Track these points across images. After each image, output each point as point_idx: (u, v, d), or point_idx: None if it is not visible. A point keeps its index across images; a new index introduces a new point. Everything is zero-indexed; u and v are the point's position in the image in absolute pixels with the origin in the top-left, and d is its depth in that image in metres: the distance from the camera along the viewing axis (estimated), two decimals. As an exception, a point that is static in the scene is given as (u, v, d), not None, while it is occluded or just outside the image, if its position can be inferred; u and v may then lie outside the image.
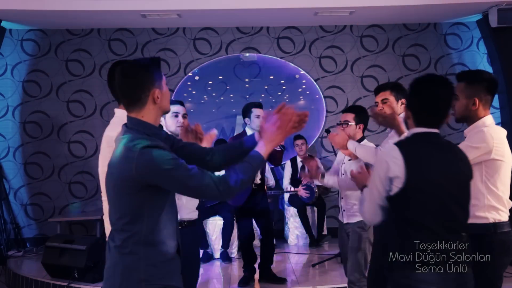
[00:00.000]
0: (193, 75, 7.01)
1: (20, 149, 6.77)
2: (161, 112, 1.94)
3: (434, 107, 2.06)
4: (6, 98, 6.76)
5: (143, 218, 1.82)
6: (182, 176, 1.78)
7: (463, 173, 2.09)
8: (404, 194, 1.99)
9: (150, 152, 1.76)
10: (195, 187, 1.79)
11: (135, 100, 1.88)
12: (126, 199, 1.82)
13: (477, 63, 6.90)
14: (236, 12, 6.17)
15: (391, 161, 2.00)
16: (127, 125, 1.91)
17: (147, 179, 1.77)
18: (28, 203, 6.75)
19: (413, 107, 2.10)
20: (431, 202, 1.99)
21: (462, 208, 2.07)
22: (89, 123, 6.82)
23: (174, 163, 1.78)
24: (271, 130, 1.96)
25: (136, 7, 5.92)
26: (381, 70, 6.92)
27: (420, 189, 1.98)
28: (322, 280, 4.83)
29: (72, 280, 4.60)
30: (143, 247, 1.82)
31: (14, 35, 6.76)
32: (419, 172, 1.98)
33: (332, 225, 6.60)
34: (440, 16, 6.69)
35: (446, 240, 1.98)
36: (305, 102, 7.18)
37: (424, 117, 2.07)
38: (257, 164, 1.91)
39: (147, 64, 1.91)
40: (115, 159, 1.84)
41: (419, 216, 1.99)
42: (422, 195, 1.98)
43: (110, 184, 1.87)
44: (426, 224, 1.98)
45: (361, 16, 6.46)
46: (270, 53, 6.98)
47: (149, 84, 1.88)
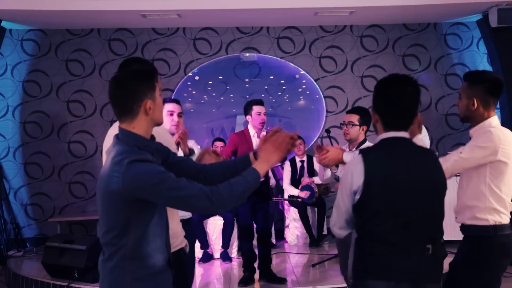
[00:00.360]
0: (193, 75, 7.01)
1: (20, 149, 6.77)
2: (153, 123, 1.89)
3: (401, 107, 1.99)
4: (6, 98, 6.76)
5: (130, 233, 1.79)
6: (169, 189, 1.74)
7: (433, 181, 1.98)
8: (363, 202, 1.93)
9: (137, 166, 1.73)
10: (185, 198, 1.75)
11: (126, 110, 1.84)
12: (113, 213, 1.79)
13: (477, 63, 6.90)
14: (236, 12, 6.17)
15: (354, 172, 1.94)
16: (118, 136, 1.88)
17: (134, 193, 1.74)
18: (28, 203, 6.75)
19: (380, 110, 2.02)
20: (389, 211, 1.90)
21: (429, 218, 1.95)
22: (89, 123, 6.83)
23: (160, 176, 1.74)
24: (269, 149, 1.98)
25: (136, 7, 5.92)
26: (381, 70, 6.92)
27: (377, 196, 1.90)
28: (322, 280, 4.83)
29: (72, 280, 4.60)
30: (128, 261, 1.80)
31: (14, 35, 6.76)
32: (378, 179, 1.90)
33: (332, 225, 6.60)
34: (440, 16, 6.69)
35: (402, 253, 1.90)
36: (305, 102, 7.18)
37: (391, 119, 2.00)
38: (253, 179, 1.87)
39: (141, 73, 1.87)
40: (103, 172, 1.81)
41: (375, 225, 1.92)
42: (379, 203, 1.90)
43: (99, 196, 1.84)
44: (382, 234, 1.91)
45: (361, 16, 6.46)
46: (270, 53, 6.98)
47: (141, 94, 1.83)
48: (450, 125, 6.87)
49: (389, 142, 2.00)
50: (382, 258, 1.92)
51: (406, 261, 1.90)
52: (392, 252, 1.91)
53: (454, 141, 6.79)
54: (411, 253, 1.91)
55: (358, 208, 1.96)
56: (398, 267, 1.90)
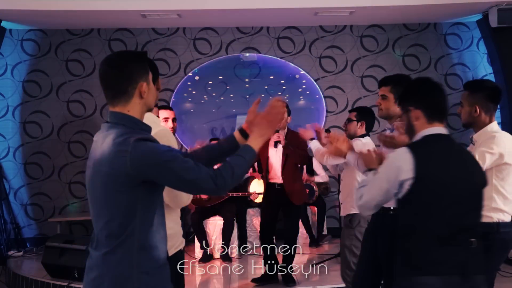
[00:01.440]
0: (193, 75, 7.01)
1: (20, 149, 6.77)
2: (146, 108, 1.84)
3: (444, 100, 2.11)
4: (6, 98, 6.76)
5: (135, 220, 1.70)
6: (179, 169, 1.68)
7: (476, 178, 2.07)
8: (413, 197, 1.98)
9: (145, 144, 1.67)
10: (192, 181, 1.69)
11: (120, 92, 1.78)
12: (116, 198, 1.69)
13: (477, 63, 6.90)
14: (236, 12, 6.17)
15: (402, 165, 1.98)
16: (110, 120, 1.80)
17: (142, 173, 1.66)
18: (28, 203, 6.75)
19: (424, 104, 2.09)
20: (440, 206, 1.96)
21: (474, 213, 2.04)
22: (89, 123, 6.82)
23: (171, 154, 1.68)
24: (263, 123, 1.93)
25: (136, 7, 5.92)
26: (381, 70, 6.92)
27: (430, 193, 1.96)
28: (322, 280, 4.83)
29: (72, 280, 4.60)
30: (137, 252, 1.70)
31: (14, 35, 6.76)
32: (430, 175, 1.96)
33: (332, 225, 6.61)
34: (440, 16, 6.69)
35: (451, 247, 1.96)
36: (305, 102, 7.18)
37: (436, 112, 2.08)
38: (250, 157, 1.83)
39: (135, 55, 1.83)
40: (101, 155, 1.71)
41: (425, 220, 1.96)
42: (431, 199, 1.96)
43: (96, 183, 1.75)
44: (432, 228, 1.95)
45: (361, 16, 6.46)
46: (270, 53, 6.98)
47: (136, 76, 1.79)
48: (450, 125, 6.86)
49: (434, 138, 2.06)
50: (432, 253, 1.95)
51: (455, 255, 1.95)
52: (442, 246, 1.95)
53: (454, 141, 6.79)
54: (459, 246, 1.96)
55: (404, 202, 2.01)
56: (449, 261, 1.95)
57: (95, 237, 1.79)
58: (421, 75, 6.99)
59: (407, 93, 2.18)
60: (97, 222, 1.76)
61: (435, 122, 2.08)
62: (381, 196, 2.08)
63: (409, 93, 2.16)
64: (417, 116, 2.10)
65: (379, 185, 2.08)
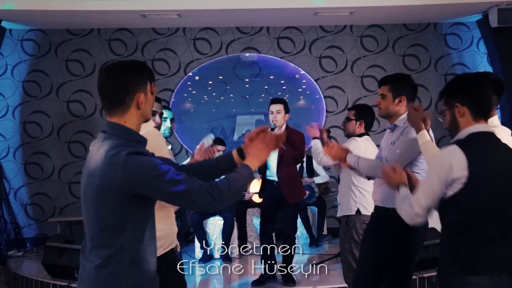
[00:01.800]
0: (193, 75, 7.01)
1: (20, 149, 6.77)
2: (142, 119, 1.84)
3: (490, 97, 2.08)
4: (6, 98, 6.76)
5: (126, 233, 1.70)
6: (171, 182, 1.68)
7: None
8: (464, 196, 1.95)
9: (136, 158, 1.67)
10: (187, 193, 1.69)
11: (118, 103, 1.77)
12: (107, 210, 1.69)
13: (477, 63, 6.90)
14: (236, 12, 6.17)
15: (454, 162, 1.94)
16: (106, 131, 1.80)
17: (133, 187, 1.67)
18: (28, 203, 6.75)
19: (470, 101, 2.05)
20: (491, 205, 1.95)
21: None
22: (89, 123, 6.82)
23: (161, 168, 1.68)
24: (259, 146, 1.98)
25: (136, 7, 5.92)
26: (381, 70, 6.92)
27: (483, 192, 1.94)
28: (322, 280, 4.83)
29: (72, 280, 4.59)
30: (127, 266, 1.70)
31: (14, 35, 6.76)
32: (482, 174, 1.94)
33: (332, 225, 6.60)
34: (440, 16, 6.69)
35: (501, 245, 1.95)
36: (305, 102, 7.18)
37: (482, 109, 2.05)
38: (248, 175, 1.87)
39: (134, 66, 1.83)
40: (95, 166, 1.71)
41: (476, 218, 1.95)
42: (483, 197, 1.94)
43: (88, 193, 1.74)
44: (482, 226, 1.94)
45: (361, 16, 6.46)
46: (270, 53, 6.98)
47: (134, 87, 1.78)
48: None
49: (481, 136, 2.03)
50: (484, 252, 1.94)
51: (504, 253, 1.94)
52: (492, 245, 1.93)
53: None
54: (507, 245, 1.95)
55: (455, 200, 1.97)
56: (498, 260, 1.94)
57: (86, 246, 1.78)
58: (421, 75, 7.02)
59: (453, 89, 2.12)
60: (88, 230, 1.77)
61: (481, 119, 2.05)
62: (434, 198, 2.01)
63: (456, 89, 2.11)
64: (463, 113, 2.06)
65: (430, 186, 2.01)
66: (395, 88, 3.00)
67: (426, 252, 4.32)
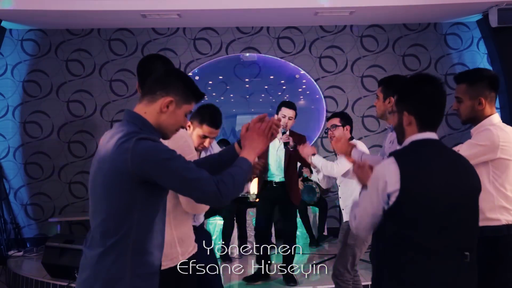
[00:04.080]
0: (193, 75, 7.01)
1: (20, 149, 6.77)
2: (158, 126, 1.81)
3: (441, 105, 1.95)
4: (6, 98, 6.76)
5: (132, 220, 1.69)
6: (180, 168, 1.66)
7: (469, 185, 1.92)
8: (400, 209, 1.84)
9: (146, 142, 1.67)
10: (194, 181, 1.67)
11: (151, 90, 1.81)
12: (116, 196, 1.68)
13: (477, 63, 6.90)
14: (236, 12, 6.17)
15: (388, 175, 1.85)
16: (123, 118, 1.82)
17: (143, 171, 1.65)
18: (28, 203, 6.75)
19: (417, 109, 1.93)
20: (429, 218, 1.83)
21: (467, 224, 1.89)
22: (89, 123, 6.82)
23: (172, 153, 1.68)
24: (253, 137, 1.94)
25: (136, 7, 5.92)
26: (381, 70, 6.92)
27: (417, 204, 1.82)
28: (322, 280, 4.83)
29: (72, 280, 4.59)
30: (131, 254, 1.69)
31: (14, 35, 6.76)
32: (416, 185, 1.83)
33: (332, 225, 6.61)
34: (440, 16, 6.69)
35: (442, 261, 1.82)
36: (305, 102, 7.18)
37: (430, 118, 1.93)
38: (247, 168, 1.84)
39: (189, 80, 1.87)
40: (105, 153, 1.71)
41: (413, 232, 1.83)
42: (419, 210, 1.82)
43: (97, 180, 1.73)
44: (421, 241, 1.82)
45: (361, 16, 6.46)
46: (270, 53, 6.98)
47: (171, 89, 1.79)
48: (450, 125, 6.87)
49: (422, 144, 1.92)
50: (422, 268, 1.82)
51: (446, 271, 1.83)
52: (432, 261, 1.82)
53: (454, 141, 6.78)
54: (450, 261, 1.84)
55: (392, 213, 1.87)
56: (439, 277, 1.82)
57: (90, 235, 1.77)
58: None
59: (403, 94, 1.99)
60: (94, 219, 1.75)
61: (427, 130, 1.93)
62: (373, 211, 1.91)
63: (406, 95, 1.98)
64: (410, 122, 1.94)
65: (369, 199, 1.93)
66: (386, 90, 3.04)
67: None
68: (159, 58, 2.31)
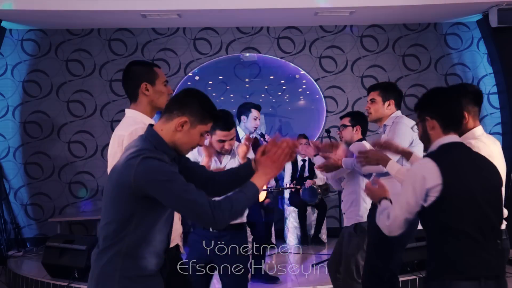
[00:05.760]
0: (193, 75, 7.01)
1: (20, 149, 6.77)
2: (172, 144, 1.90)
3: (460, 113, 2.19)
4: (6, 98, 6.76)
5: (129, 229, 1.81)
6: (178, 189, 1.76)
7: (493, 179, 2.12)
8: (442, 203, 2.00)
9: (150, 162, 1.77)
10: (190, 202, 1.76)
11: (168, 110, 1.93)
12: (119, 205, 1.82)
13: (477, 63, 6.90)
14: (236, 12, 6.17)
15: (427, 173, 2.01)
16: (144, 134, 1.92)
17: (143, 188, 1.77)
18: (28, 203, 6.75)
19: (440, 114, 2.14)
20: (470, 208, 2.00)
21: (497, 214, 2.09)
22: (89, 123, 6.82)
23: (171, 175, 1.78)
24: (266, 163, 1.96)
25: (136, 7, 5.92)
26: (381, 70, 6.92)
27: (459, 196, 2.00)
28: (322, 280, 4.82)
29: (72, 280, 4.60)
30: (122, 258, 1.82)
31: (14, 35, 6.76)
32: (456, 180, 2.01)
33: (332, 225, 6.60)
34: (440, 16, 6.69)
35: (484, 247, 1.99)
36: (305, 102, 7.18)
37: (451, 121, 2.14)
38: (252, 194, 1.88)
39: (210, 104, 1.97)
40: (118, 164, 1.86)
41: (458, 222, 1.99)
42: (461, 201, 1.99)
43: (108, 187, 1.88)
44: (466, 230, 1.98)
45: (361, 16, 6.46)
46: (270, 53, 6.98)
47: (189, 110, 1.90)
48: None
49: (451, 146, 2.11)
50: (469, 256, 1.97)
51: (490, 257, 1.99)
52: (477, 249, 1.98)
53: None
54: (490, 248, 2.00)
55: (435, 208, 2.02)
56: (485, 264, 1.98)
57: (98, 235, 1.93)
58: (421, 75, 7.02)
59: (424, 103, 2.22)
60: (101, 221, 1.90)
61: (450, 131, 2.14)
62: (410, 210, 2.07)
63: (426, 103, 2.21)
64: (433, 126, 2.15)
65: (405, 199, 2.08)
66: (384, 93, 3.30)
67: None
68: (131, 64, 2.45)
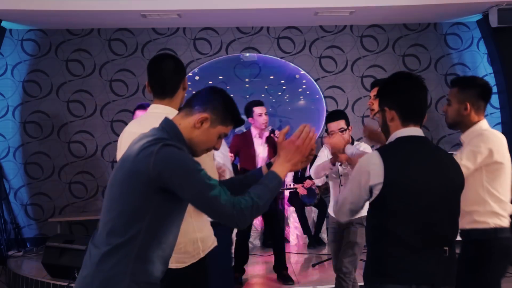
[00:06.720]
0: (193, 75, 7.01)
1: (20, 149, 6.77)
2: (189, 142, 1.77)
3: (420, 100, 2.02)
4: (6, 98, 6.76)
5: (142, 225, 1.64)
6: (200, 183, 1.60)
7: (451, 181, 1.97)
8: (382, 202, 1.90)
9: (171, 149, 1.62)
10: (211, 199, 1.60)
11: (189, 105, 1.82)
12: (130, 196, 1.64)
13: (477, 63, 6.90)
14: (236, 12, 6.17)
15: (372, 169, 1.91)
16: (161, 124, 1.79)
17: (162, 177, 1.60)
18: (28, 203, 6.75)
19: (398, 104, 1.99)
20: (409, 212, 1.88)
21: (448, 219, 1.95)
22: (89, 123, 6.82)
23: (196, 166, 1.62)
24: (289, 148, 1.78)
25: (136, 7, 5.92)
26: (381, 70, 6.92)
27: (400, 197, 1.88)
28: (322, 280, 4.83)
29: (72, 280, 4.58)
30: (133, 260, 1.64)
31: (14, 35, 6.76)
32: (399, 178, 1.88)
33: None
34: (440, 16, 6.69)
35: (421, 254, 1.87)
36: (305, 102, 7.18)
37: (411, 112, 1.99)
38: (274, 186, 1.70)
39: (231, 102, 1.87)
40: (130, 152, 1.68)
41: (395, 226, 1.88)
42: (401, 203, 1.88)
43: (117, 177, 1.70)
44: (402, 235, 1.87)
45: (361, 16, 6.46)
46: (270, 53, 6.98)
47: (208, 107, 1.79)
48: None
49: (407, 140, 1.97)
50: (402, 261, 1.87)
51: (425, 264, 1.87)
52: (412, 254, 1.87)
53: (454, 142, 6.79)
54: (429, 255, 1.88)
55: (375, 206, 1.94)
56: (419, 270, 1.87)
57: (97, 232, 1.74)
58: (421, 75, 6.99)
59: (383, 92, 2.07)
60: (105, 215, 1.72)
61: (410, 124, 1.99)
62: (352, 200, 2.00)
63: (385, 92, 2.06)
64: (392, 117, 2.01)
65: (350, 188, 2.00)
66: None
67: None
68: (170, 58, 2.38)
